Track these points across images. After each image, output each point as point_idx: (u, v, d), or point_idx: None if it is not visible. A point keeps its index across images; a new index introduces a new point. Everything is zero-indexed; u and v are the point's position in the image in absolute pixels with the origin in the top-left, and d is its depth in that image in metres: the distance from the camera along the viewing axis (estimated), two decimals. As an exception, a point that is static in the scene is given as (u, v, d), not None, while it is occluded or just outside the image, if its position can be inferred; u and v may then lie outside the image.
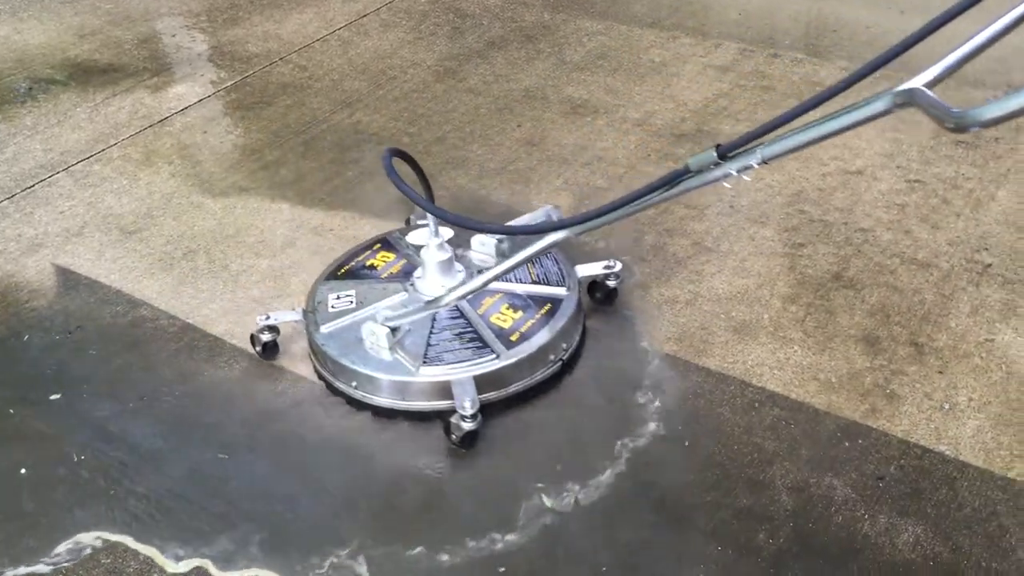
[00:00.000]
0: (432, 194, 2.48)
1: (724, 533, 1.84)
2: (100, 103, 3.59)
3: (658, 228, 2.69)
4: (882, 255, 2.56)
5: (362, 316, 2.23)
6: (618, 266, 2.37)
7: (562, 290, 2.29)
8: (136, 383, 2.29)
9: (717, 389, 2.17)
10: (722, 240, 2.65)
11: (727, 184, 1.64)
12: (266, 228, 2.84)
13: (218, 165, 3.17)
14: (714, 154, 1.59)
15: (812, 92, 3.32)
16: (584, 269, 2.38)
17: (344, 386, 2.18)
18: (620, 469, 1.98)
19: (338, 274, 2.41)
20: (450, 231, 2.34)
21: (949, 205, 2.74)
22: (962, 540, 1.81)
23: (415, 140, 3.22)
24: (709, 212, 2.76)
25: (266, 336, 2.29)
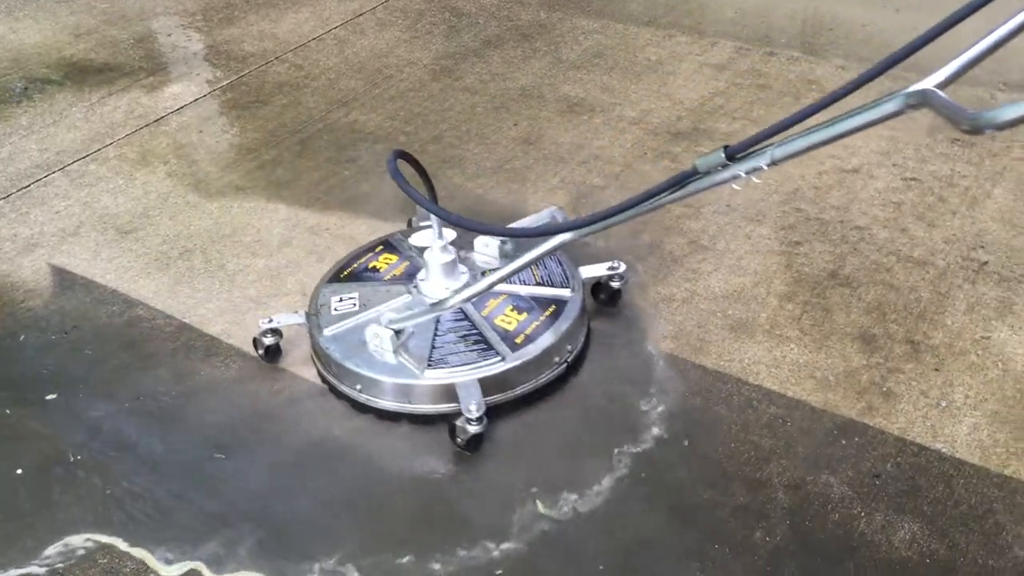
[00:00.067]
0: (436, 196, 2.47)
1: (721, 531, 1.84)
2: (96, 103, 3.58)
3: (655, 227, 2.69)
4: (878, 253, 2.56)
5: (366, 319, 2.22)
6: (622, 267, 2.36)
7: (566, 292, 2.28)
8: (132, 383, 2.29)
9: (714, 387, 2.17)
10: (718, 238, 2.65)
11: (736, 186, 1.61)
12: (262, 227, 2.83)
13: (214, 165, 3.17)
14: (722, 155, 1.56)
15: (808, 90, 3.33)
16: (588, 270, 2.37)
17: (348, 389, 2.16)
18: (621, 472, 1.98)
19: (341, 276, 2.39)
20: (454, 233, 2.32)
21: (945, 203, 2.74)
22: (958, 537, 1.81)
23: (411, 139, 3.21)
24: (705, 210, 2.76)
25: (269, 339, 2.27)
